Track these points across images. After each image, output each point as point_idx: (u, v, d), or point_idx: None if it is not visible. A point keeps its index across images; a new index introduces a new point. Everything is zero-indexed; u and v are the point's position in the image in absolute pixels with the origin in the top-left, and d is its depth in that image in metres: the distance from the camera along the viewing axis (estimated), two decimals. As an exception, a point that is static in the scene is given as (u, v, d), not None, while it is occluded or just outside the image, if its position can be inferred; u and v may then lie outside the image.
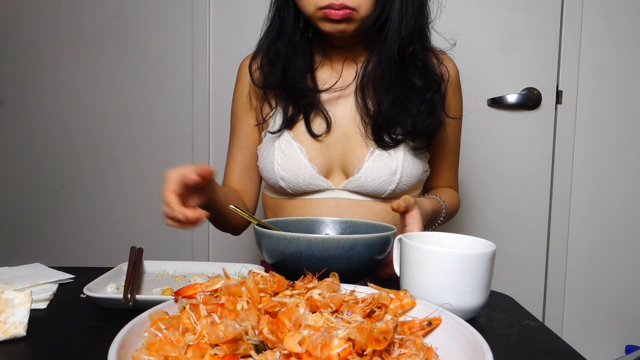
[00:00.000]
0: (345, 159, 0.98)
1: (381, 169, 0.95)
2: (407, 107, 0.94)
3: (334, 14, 0.87)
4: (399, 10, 0.90)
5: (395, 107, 0.94)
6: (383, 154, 0.96)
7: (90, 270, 0.81)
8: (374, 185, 0.96)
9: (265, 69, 1.00)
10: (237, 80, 1.11)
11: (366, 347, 0.44)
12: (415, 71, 0.95)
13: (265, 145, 1.02)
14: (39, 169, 1.96)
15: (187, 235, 1.87)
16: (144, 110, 1.87)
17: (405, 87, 0.95)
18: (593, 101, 1.69)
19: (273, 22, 0.99)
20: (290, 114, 0.98)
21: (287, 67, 0.96)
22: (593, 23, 1.65)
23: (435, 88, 0.97)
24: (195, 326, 0.47)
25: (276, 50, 0.97)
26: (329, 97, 0.99)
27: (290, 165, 0.97)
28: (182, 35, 1.81)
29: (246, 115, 1.09)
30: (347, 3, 0.86)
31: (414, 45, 0.93)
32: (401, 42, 0.92)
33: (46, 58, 1.91)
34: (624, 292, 1.74)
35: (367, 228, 0.83)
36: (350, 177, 0.97)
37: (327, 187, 0.99)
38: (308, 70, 0.99)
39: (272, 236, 0.70)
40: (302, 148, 0.97)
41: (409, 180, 0.97)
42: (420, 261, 0.63)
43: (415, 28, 0.92)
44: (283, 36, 0.97)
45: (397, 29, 0.91)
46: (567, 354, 0.57)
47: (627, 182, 1.70)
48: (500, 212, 1.74)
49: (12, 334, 0.55)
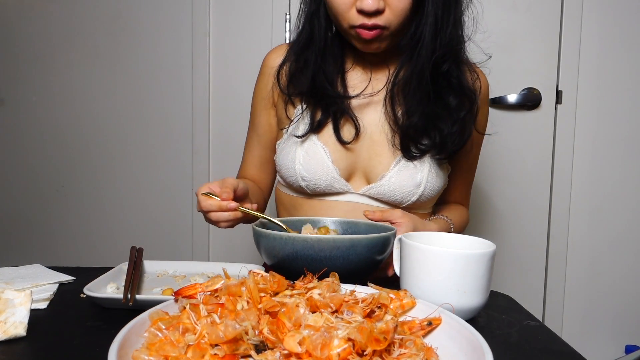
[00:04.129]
0: (369, 164, 0.97)
1: (406, 179, 0.94)
2: (437, 125, 0.92)
3: (366, 34, 0.85)
4: (433, 27, 0.86)
5: (425, 121, 0.92)
6: (409, 165, 0.94)
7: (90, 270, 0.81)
8: (397, 194, 0.95)
9: (294, 76, 0.99)
10: (260, 74, 1.08)
11: (366, 347, 0.44)
12: (449, 90, 0.93)
13: (286, 143, 1.00)
14: (39, 169, 1.96)
15: (187, 235, 1.88)
16: (144, 110, 1.87)
17: (438, 104, 0.92)
18: (593, 101, 1.69)
19: (303, 31, 0.96)
20: (318, 119, 0.96)
21: (316, 75, 0.95)
22: (593, 23, 1.65)
23: (468, 106, 0.94)
24: (195, 326, 0.47)
25: (305, 59, 0.96)
26: (358, 103, 0.97)
27: (312, 165, 0.95)
28: (182, 35, 1.81)
29: (266, 111, 1.07)
30: (379, 22, 0.84)
31: (448, 63, 0.90)
32: (435, 60, 0.89)
33: (46, 58, 1.91)
34: (624, 292, 1.74)
35: (367, 228, 0.83)
36: (372, 183, 0.96)
37: (346, 191, 0.97)
38: (339, 74, 0.97)
39: (269, 236, 0.69)
40: (326, 149, 0.95)
41: (431, 193, 0.96)
42: (420, 261, 0.63)
43: (450, 46, 0.89)
44: (313, 45, 0.95)
45: (430, 46, 0.87)
46: (567, 353, 0.57)
47: (627, 181, 1.70)
48: (500, 212, 1.74)
49: (12, 333, 0.55)
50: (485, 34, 1.06)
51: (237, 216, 0.81)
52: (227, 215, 0.81)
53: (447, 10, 0.87)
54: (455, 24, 0.89)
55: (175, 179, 1.87)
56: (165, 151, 1.86)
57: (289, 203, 1.04)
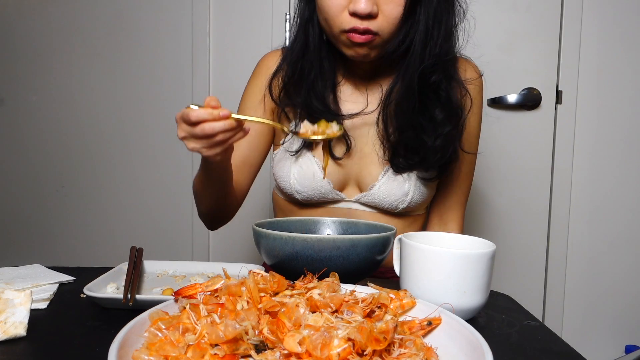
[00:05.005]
0: (360, 175, 0.98)
1: (394, 189, 0.95)
2: (421, 136, 0.91)
3: (357, 37, 0.83)
4: (423, 37, 0.85)
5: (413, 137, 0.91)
6: (397, 175, 0.95)
7: (90, 270, 0.81)
8: (387, 202, 0.96)
9: (288, 88, 0.97)
10: (254, 75, 1.05)
11: (366, 347, 0.44)
12: (436, 102, 0.90)
13: (282, 155, 1.00)
14: (39, 169, 1.96)
15: (187, 235, 1.88)
16: (144, 110, 1.87)
17: (424, 117, 0.91)
18: (593, 101, 1.69)
19: (297, 40, 0.94)
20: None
21: (310, 90, 0.93)
22: (593, 23, 1.65)
23: (454, 123, 0.91)
24: (195, 326, 0.47)
25: (300, 69, 0.94)
26: (351, 121, 0.97)
27: (306, 180, 0.96)
28: (182, 35, 1.81)
29: (255, 114, 1.03)
30: (371, 27, 0.82)
31: (437, 74, 0.88)
32: (423, 71, 0.87)
33: (46, 58, 1.91)
34: (624, 292, 1.74)
35: (367, 228, 0.83)
36: (364, 191, 0.97)
37: (341, 199, 0.99)
38: (331, 91, 0.96)
39: (269, 236, 0.69)
40: (319, 164, 0.96)
41: (420, 199, 0.97)
42: (420, 261, 0.63)
43: (439, 56, 0.87)
44: (307, 54, 0.93)
45: (419, 56, 0.86)
46: (567, 353, 0.57)
47: (627, 181, 1.71)
48: (500, 212, 1.74)
49: (12, 333, 0.55)
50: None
51: (232, 125, 0.71)
52: (223, 125, 0.70)
53: (438, 20, 0.85)
54: (447, 36, 0.87)
55: (175, 179, 1.87)
56: (165, 151, 1.86)
57: (286, 207, 1.05)
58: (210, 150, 0.74)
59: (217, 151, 0.74)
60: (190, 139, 0.74)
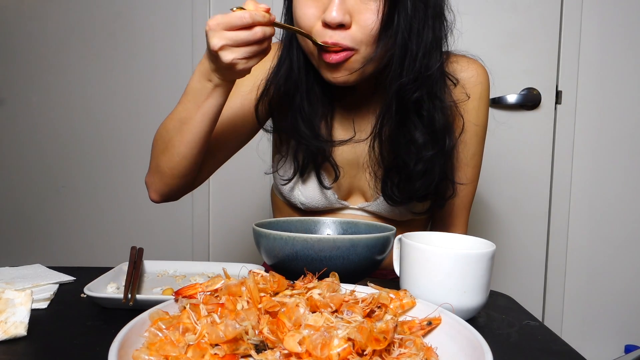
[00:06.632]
0: (365, 186, 0.96)
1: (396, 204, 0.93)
2: (403, 158, 0.83)
3: (331, 57, 0.75)
4: (401, 51, 0.75)
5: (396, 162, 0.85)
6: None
7: (90, 270, 0.81)
8: (390, 214, 0.96)
9: (274, 113, 0.92)
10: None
11: (366, 347, 0.44)
12: (417, 123, 0.82)
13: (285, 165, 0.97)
14: (40, 169, 1.96)
15: (187, 235, 1.88)
16: (144, 110, 1.87)
17: (405, 138, 0.83)
18: (592, 101, 1.69)
19: (281, 61, 0.87)
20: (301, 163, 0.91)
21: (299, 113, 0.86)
22: (593, 23, 1.65)
23: (437, 149, 0.83)
24: (196, 326, 0.47)
25: (285, 92, 0.87)
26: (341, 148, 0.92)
27: (310, 192, 0.95)
28: (182, 35, 1.81)
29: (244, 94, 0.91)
30: (344, 42, 0.74)
31: (418, 92, 0.79)
32: (400, 88, 0.78)
33: (47, 58, 1.91)
34: (624, 292, 1.74)
35: (367, 228, 0.83)
36: (369, 201, 0.96)
37: (345, 207, 0.98)
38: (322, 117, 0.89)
39: (269, 236, 0.70)
40: (324, 176, 0.94)
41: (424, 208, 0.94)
42: (420, 261, 0.63)
43: (420, 72, 0.77)
44: (292, 77, 0.85)
45: (397, 71, 0.77)
46: (566, 353, 0.57)
47: (627, 181, 1.71)
48: (500, 212, 1.74)
49: (12, 333, 0.55)
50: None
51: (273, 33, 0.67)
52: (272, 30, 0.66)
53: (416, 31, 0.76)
54: (428, 52, 0.78)
55: (175, 179, 1.87)
56: (165, 151, 1.86)
57: (285, 210, 1.05)
58: (249, 62, 0.68)
59: (256, 62, 0.69)
60: (229, 49, 0.67)
